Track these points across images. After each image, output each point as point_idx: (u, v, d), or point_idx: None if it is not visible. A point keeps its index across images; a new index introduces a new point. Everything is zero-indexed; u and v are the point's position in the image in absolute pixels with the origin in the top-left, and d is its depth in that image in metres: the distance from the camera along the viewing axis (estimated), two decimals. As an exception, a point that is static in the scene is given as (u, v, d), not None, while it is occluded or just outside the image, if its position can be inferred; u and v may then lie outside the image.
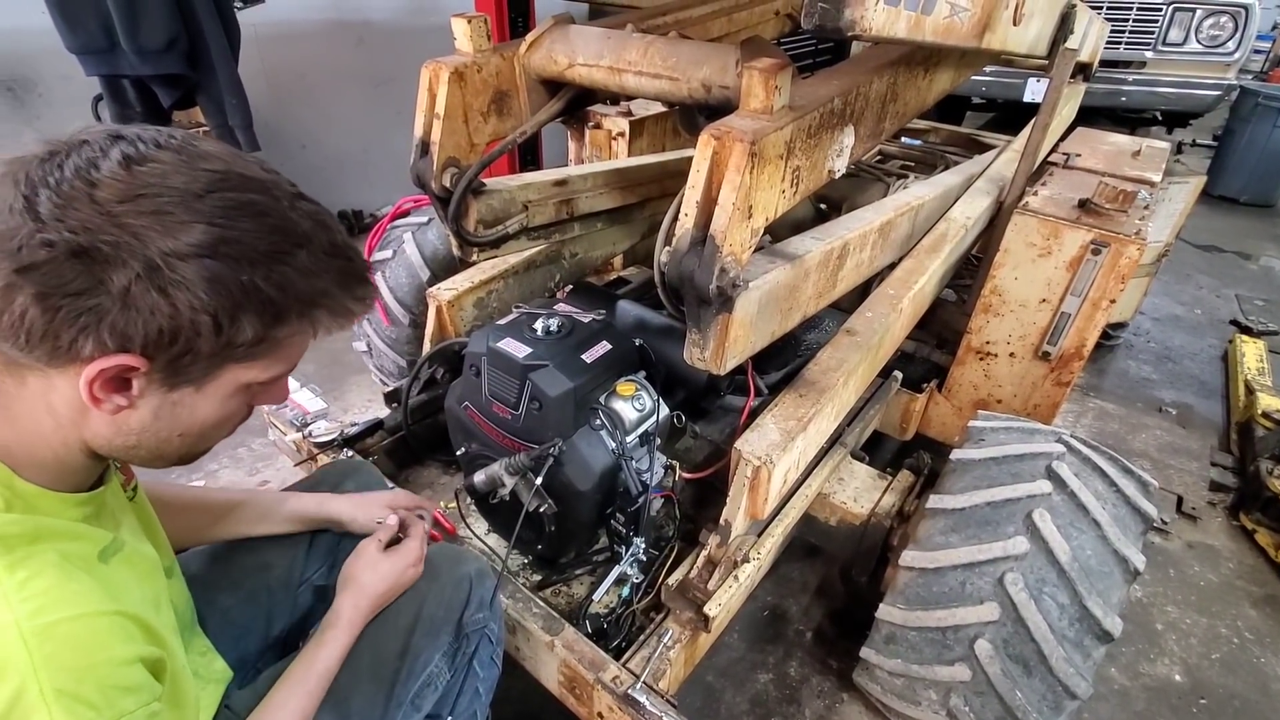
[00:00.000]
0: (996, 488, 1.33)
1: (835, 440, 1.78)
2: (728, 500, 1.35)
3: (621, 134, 2.55)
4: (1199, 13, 4.82)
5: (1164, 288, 3.97)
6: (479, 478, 1.34)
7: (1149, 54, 5.08)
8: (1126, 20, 5.02)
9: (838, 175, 1.32)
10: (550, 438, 1.33)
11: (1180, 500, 2.36)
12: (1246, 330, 3.37)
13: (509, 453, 1.40)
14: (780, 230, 1.94)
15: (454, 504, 1.61)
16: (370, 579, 1.01)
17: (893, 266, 1.94)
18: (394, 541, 1.09)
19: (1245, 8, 4.68)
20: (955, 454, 1.45)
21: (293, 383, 1.82)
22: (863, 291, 1.88)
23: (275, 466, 2.33)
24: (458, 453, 1.54)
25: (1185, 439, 2.68)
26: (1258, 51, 7.79)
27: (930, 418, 2.17)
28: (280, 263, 0.63)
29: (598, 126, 2.58)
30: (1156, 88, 5.18)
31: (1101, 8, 4.94)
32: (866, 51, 1.46)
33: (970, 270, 2.45)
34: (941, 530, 1.35)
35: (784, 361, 2.08)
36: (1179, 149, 6.66)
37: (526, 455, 1.31)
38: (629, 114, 2.58)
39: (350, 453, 1.69)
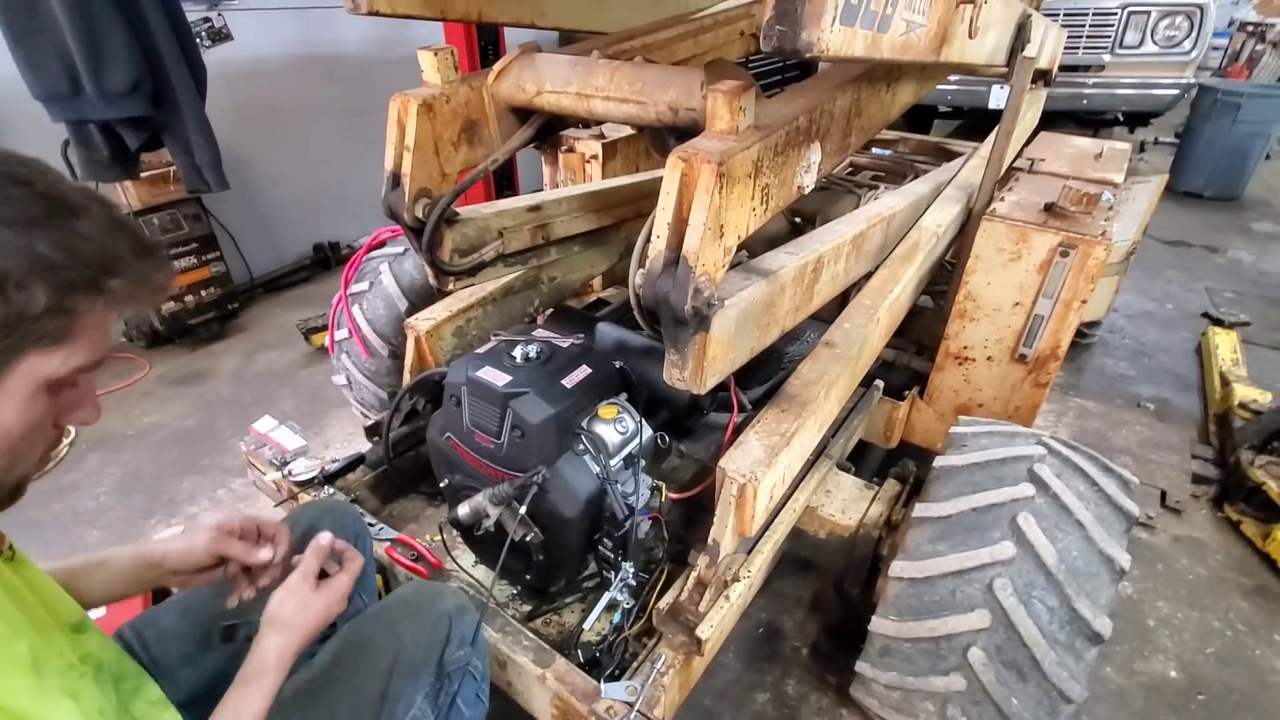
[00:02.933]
0: (981, 493, 1.33)
1: (820, 452, 1.79)
2: (715, 519, 1.34)
3: (595, 156, 2.57)
4: (1154, 14, 4.96)
5: (1135, 284, 4.04)
6: (463, 510, 1.32)
7: (1107, 57, 5.22)
8: (1083, 25, 5.16)
9: (807, 190, 1.34)
10: (534, 465, 1.32)
11: (1164, 494, 2.38)
12: (1218, 322, 3.44)
13: (493, 482, 1.39)
14: (755, 245, 1.96)
15: (439, 537, 1.59)
16: (304, 620, 0.94)
17: (869, 276, 1.96)
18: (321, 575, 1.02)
19: (1200, 7, 4.81)
20: (938, 461, 1.46)
21: (270, 420, 1.80)
22: (841, 302, 1.90)
23: (257, 507, 2.29)
24: (441, 484, 1.52)
25: (1165, 433, 2.72)
26: (1215, 48, 8.03)
27: (914, 424, 2.18)
28: (58, 228, 0.61)
29: (571, 150, 2.60)
30: (1116, 90, 5.31)
31: (1058, 14, 5.07)
32: (829, 69, 1.48)
33: (945, 276, 2.48)
34: (929, 539, 1.34)
35: (766, 375, 2.09)
36: (1141, 147, 6.82)
37: (510, 484, 1.30)
38: (601, 136, 2.60)
39: (331, 490, 1.66)
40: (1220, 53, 8.68)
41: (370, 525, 1.56)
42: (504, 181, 4.24)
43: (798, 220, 2.71)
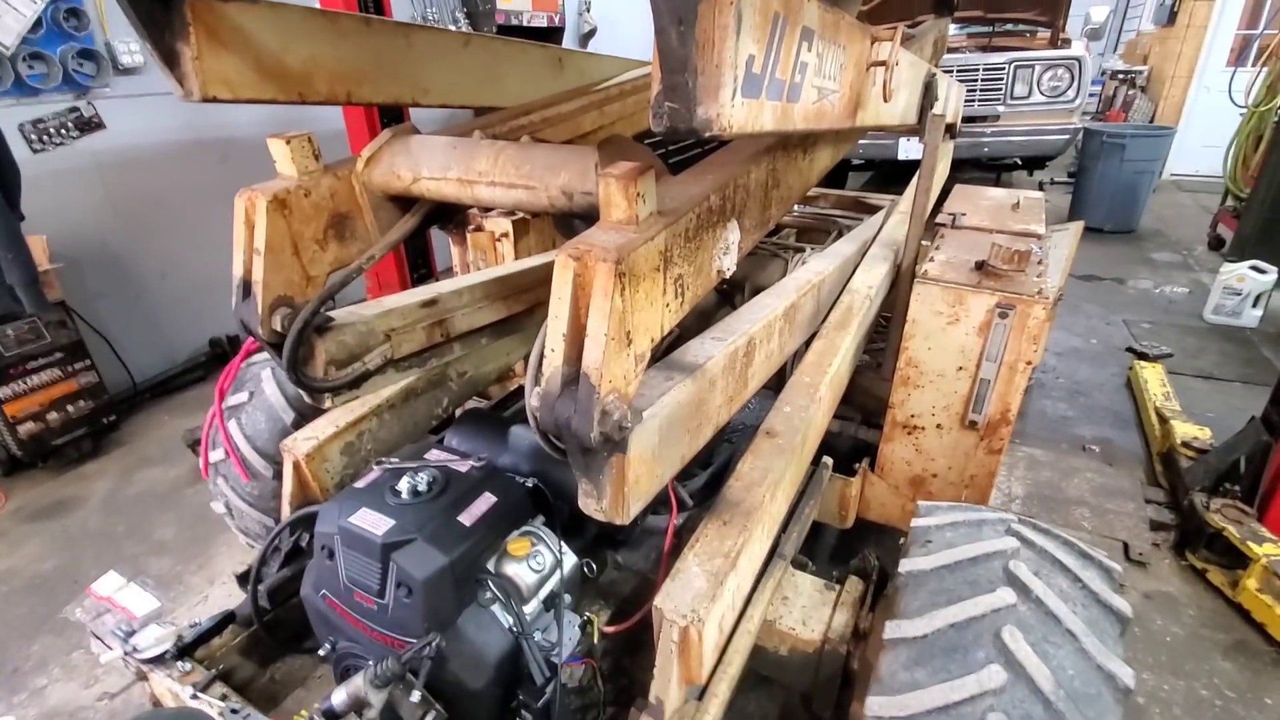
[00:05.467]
0: (956, 604, 1.16)
1: (772, 551, 1.59)
2: (656, 670, 1.12)
3: (505, 235, 2.39)
4: (1037, 68, 5.31)
5: (1058, 320, 4.11)
6: (338, 698, 1.05)
7: (1001, 108, 5.54)
8: (976, 80, 5.47)
9: (729, 274, 1.18)
10: (428, 628, 1.07)
11: (1126, 547, 2.29)
12: (1143, 356, 3.49)
13: (381, 649, 1.13)
14: (685, 319, 1.81)
15: (305, 715, 1.27)
16: None
17: (805, 346, 1.83)
18: None
19: (1078, 59, 5.18)
20: (904, 564, 1.28)
21: (114, 579, 1.49)
22: (780, 368, 1.75)
23: (119, 672, 1.91)
24: (321, 651, 1.24)
25: (1115, 478, 2.66)
26: (1091, 94, 8.70)
27: (868, 500, 2.02)
28: None
29: (479, 229, 2.42)
30: (1011, 137, 5.64)
31: (952, 71, 5.36)
32: (741, 140, 1.36)
33: (880, 332, 2.39)
34: (905, 664, 1.15)
35: (708, 457, 1.90)
36: (1041, 187, 7.23)
37: (395, 659, 1.05)
38: (512, 213, 2.43)
39: (187, 667, 1.35)
40: (1096, 98, 9.43)
41: (235, 712, 1.26)
42: (419, 260, 4.02)
43: (725, 287, 2.59)
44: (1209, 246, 5.51)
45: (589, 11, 6.28)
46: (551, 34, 5.16)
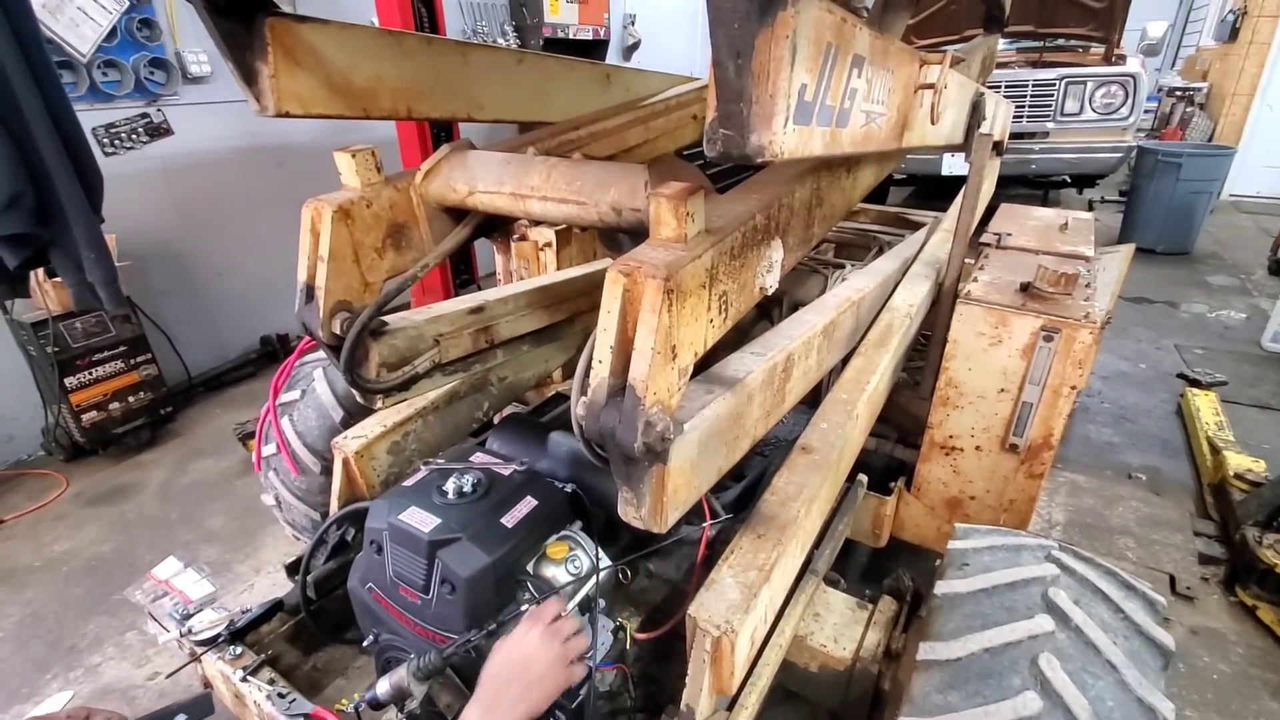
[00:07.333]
0: (993, 629, 1.15)
1: (805, 567, 1.60)
2: (688, 679, 1.14)
3: (549, 244, 2.45)
4: (1090, 84, 5.19)
5: (1106, 343, 4.00)
6: (382, 688, 1.09)
7: (1050, 125, 5.42)
8: (1025, 96, 5.37)
9: (771, 291, 1.21)
10: (469, 625, 1.11)
11: (1173, 580, 2.22)
12: (1195, 383, 3.38)
13: (423, 642, 1.17)
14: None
15: (348, 704, 1.30)
16: None
17: (843, 364, 1.83)
18: None
19: (1133, 76, 5.04)
20: (940, 587, 1.28)
21: (173, 563, 1.56)
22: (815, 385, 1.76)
23: (169, 653, 2.00)
24: (364, 643, 1.29)
25: (1162, 508, 2.58)
26: (1147, 111, 8.46)
27: (903, 520, 2.01)
28: None
29: (523, 238, 2.48)
30: (1061, 154, 5.51)
31: (999, 86, 5.28)
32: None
33: (919, 350, 2.37)
34: (939, 687, 1.15)
35: (741, 470, 1.92)
36: (1090, 206, 7.05)
37: (438, 653, 1.09)
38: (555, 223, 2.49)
39: (238, 650, 1.41)
40: (1151, 115, 9.16)
41: (281, 696, 1.32)
42: (461, 266, 4.12)
43: (763, 301, 2.60)
44: (1269, 271, 5.30)
45: (633, 25, 6.36)
46: (597, 46, 5.25)
